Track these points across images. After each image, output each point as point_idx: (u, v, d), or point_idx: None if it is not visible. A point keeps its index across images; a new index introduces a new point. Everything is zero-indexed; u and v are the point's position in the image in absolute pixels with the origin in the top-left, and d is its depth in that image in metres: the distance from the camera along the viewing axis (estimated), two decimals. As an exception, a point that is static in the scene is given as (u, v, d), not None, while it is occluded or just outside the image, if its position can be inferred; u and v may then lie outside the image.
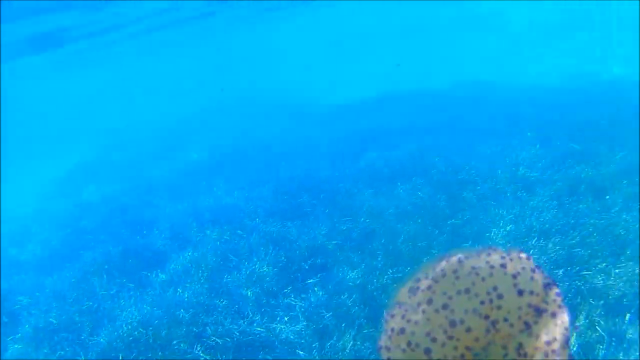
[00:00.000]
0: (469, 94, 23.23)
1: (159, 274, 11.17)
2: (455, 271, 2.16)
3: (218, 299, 9.61)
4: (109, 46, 28.66)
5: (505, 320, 1.95)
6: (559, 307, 1.93)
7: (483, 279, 1.98)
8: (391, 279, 9.09)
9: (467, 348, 1.93)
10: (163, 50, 40.16)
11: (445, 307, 2.06)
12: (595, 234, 9.24)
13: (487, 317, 1.93)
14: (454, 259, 2.16)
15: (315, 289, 9.41)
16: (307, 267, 10.23)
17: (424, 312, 2.10)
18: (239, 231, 12.36)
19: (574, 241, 9.14)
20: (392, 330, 2.12)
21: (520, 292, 1.92)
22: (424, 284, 2.21)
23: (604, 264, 8.31)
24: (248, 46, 57.40)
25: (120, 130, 32.85)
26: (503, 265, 2.03)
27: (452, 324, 1.96)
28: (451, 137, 16.89)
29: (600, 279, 7.99)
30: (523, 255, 2.05)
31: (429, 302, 2.12)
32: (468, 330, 1.93)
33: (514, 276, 1.98)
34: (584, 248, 8.85)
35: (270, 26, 42.90)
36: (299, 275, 10.07)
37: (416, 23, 61.77)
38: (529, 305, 1.91)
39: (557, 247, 8.98)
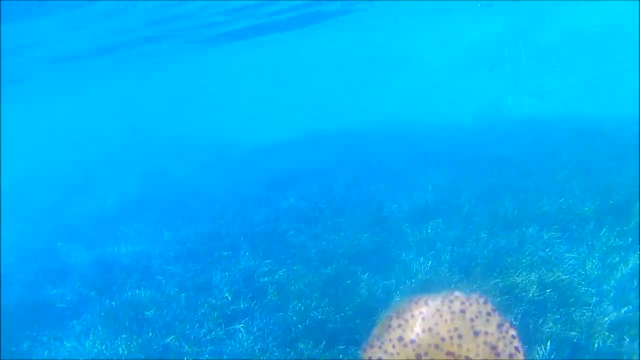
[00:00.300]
0: (388, 133, 24.26)
1: (75, 325, 10.72)
2: (421, 313, 2.42)
3: (138, 351, 9.31)
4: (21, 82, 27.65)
5: (466, 356, 2.18)
6: (515, 348, 2.19)
7: (445, 321, 2.24)
8: (316, 321, 9.14)
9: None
10: (75, 89, 39.03)
11: (412, 342, 2.30)
12: (515, 264, 9.79)
13: (449, 352, 2.15)
14: (422, 301, 2.43)
15: (241, 333, 9.32)
16: (229, 313, 10.11)
17: (394, 346, 2.35)
18: (158, 277, 12.09)
19: (495, 273, 9.63)
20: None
21: (477, 333, 2.17)
22: (395, 322, 2.47)
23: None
24: (170, 85, 56.86)
25: (33, 172, 31.51)
26: (462, 311, 2.30)
27: (418, 357, 2.20)
28: (372, 175, 17.46)
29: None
30: (481, 299, 2.32)
31: (400, 339, 2.37)
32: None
33: (472, 319, 2.25)
34: (503, 279, 9.32)
35: (192, 65, 42.75)
36: (221, 321, 9.92)
37: (338, 64, 63.69)
38: (485, 343, 2.15)
39: (478, 281, 9.41)
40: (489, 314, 2.35)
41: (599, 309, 8.22)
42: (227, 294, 10.61)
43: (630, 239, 10.18)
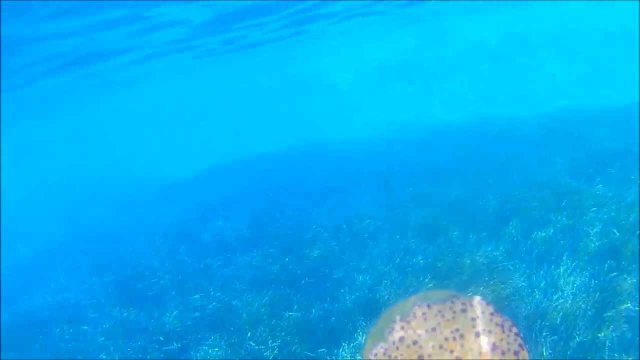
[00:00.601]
0: (305, 155, 24.63)
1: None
2: (424, 314, 2.56)
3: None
4: None
5: (468, 355, 2.34)
6: (519, 345, 2.38)
7: (447, 321, 2.39)
8: (252, 351, 9.16)
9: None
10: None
11: (415, 343, 2.45)
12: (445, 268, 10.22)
13: (452, 351, 2.31)
14: (424, 304, 2.57)
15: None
16: (162, 356, 9.92)
17: (397, 348, 2.48)
18: (84, 327, 11.68)
19: (427, 280, 10.01)
20: (373, 365, 2.49)
21: (478, 334, 2.34)
22: (397, 325, 2.61)
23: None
24: (76, 122, 54.99)
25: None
26: (464, 311, 2.46)
27: (421, 357, 2.33)
28: (292, 198, 17.69)
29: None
30: (483, 302, 2.49)
31: (401, 339, 2.50)
32: None
33: (473, 319, 2.41)
34: (435, 284, 9.72)
35: (97, 103, 41.73)
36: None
37: (248, 89, 63.94)
38: (487, 344, 2.32)
39: (411, 289, 9.75)
40: (491, 313, 2.54)
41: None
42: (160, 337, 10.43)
43: (552, 230, 10.82)
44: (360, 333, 8.61)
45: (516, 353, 2.34)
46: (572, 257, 9.71)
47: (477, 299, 2.59)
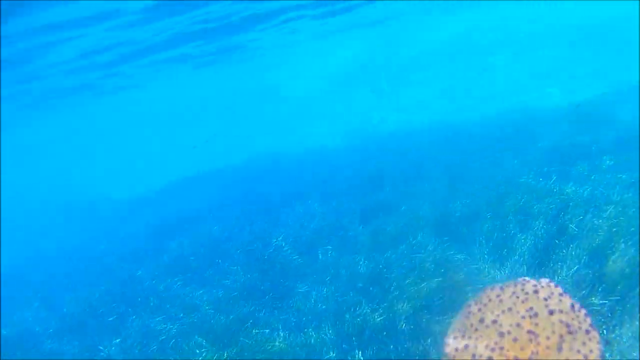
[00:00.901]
0: (263, 166, 24.70)
1: None
2: (498, 296, 2.78)
3: None
4: None
5: (543, 333, 2.55)
6: (590, 325, 2.60)
7: (522, 301, 2.60)
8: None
9: (516, 358, 2.50)
10: None
11: (494, 322, 2.66)
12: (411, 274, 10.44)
13: (529, 331, 2.51)
14: (497, 287, 2.80)
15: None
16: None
17: (476, 329, 2.67)
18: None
19: (393, 288, 10.22)
20: (457, 349, 2.67)
21: (551, 312, 2.56)
22: (474, 308, 2.81)
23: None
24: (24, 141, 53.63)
25: None
26: (536, 292, 2.68)
27: (501, 334, 2.54)
28: (253, 211, 17.73)
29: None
30: (552, 283, 2.71)
31: (481, 320, 2.70)
32: (515, 340, 2.51)
33: (545, 299, 2.63)
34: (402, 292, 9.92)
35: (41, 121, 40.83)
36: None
37: (202, 103, 63.56)
38: (560, 322, 2.53)
39: (377, 300, 9.94)
40: (560, 294, 2.79)
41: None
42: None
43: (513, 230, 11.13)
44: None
45: (587, 332, 2.61)
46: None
47: (545, 280, 2.87)
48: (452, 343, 2.87)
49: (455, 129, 22.37)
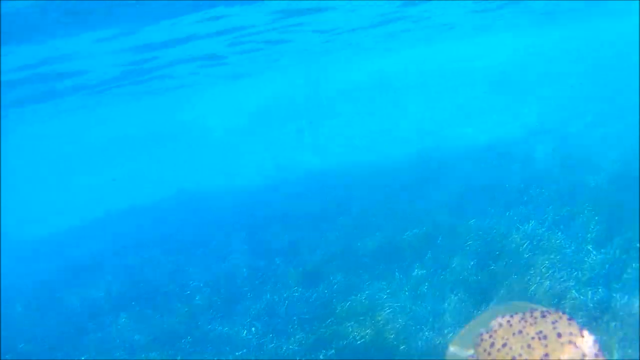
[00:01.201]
0: (179, 206, 24.39)
1: None
2: (508, 321, 2.86)
3: None
4: None
5: (553, 354, 2.67)
6: (599, 349, 2.75)
7: (531, 324, 2.71)
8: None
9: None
10: None
11: (504, 345, 2.72)
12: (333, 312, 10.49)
13: (539, 352, 2.62)
14: (507, 314, 2.91)
15: None
16: None
17: (489, 354, 2.75)
18: None
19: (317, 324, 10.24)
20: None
21: (560, 335, 2.66)
22: (485, 335, 2.90)
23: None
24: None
25: None
26: (544, 316, 2.78)
27: (513, 358, 2.64)
28: (167, 252, 17.41)
29: None
30: (559, 311, 2.86)
31: (492, 345, 2.77)
32: None
33: (553, 322, 2.74)
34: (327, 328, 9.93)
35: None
36: None
37: (121, 138, 62.25)
38: (570, 342, 2.65)
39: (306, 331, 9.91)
40: (568, 319, 2.97)
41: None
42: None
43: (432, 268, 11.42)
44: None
45: (596, 355, 2.81)
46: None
47: (552, 309, 3.11)
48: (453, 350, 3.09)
49: (373, 168, 22.93)
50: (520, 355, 2.81)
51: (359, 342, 9.24)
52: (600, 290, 8.62)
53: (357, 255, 13.17)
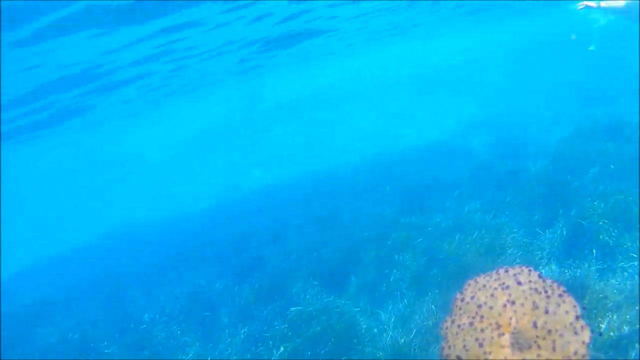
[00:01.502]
0: (117, 242, 23.89)
1: None
2: (475, 280, 3.05)
3: None
4: None
5: (517, 300, 3.02)
6: (563, 291, 2.86)
7: (494, 279, 2.81)
8: None
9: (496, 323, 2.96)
10: None
11: (472, 298, 3.14)
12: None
13: (511, 301, 2.68)
14: (476, 276, 3.26)
15: None
16: None
17: (460, 308, 2.99)
18: None
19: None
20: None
21: (519, 282, 2.76)
22: (458, 296, 3.19)
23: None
24: None
25: None
26: (506, 271, 2.92)
27: (479, 306, 2.76)
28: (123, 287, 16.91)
29: None
30: (524, 266, 2.97)
31: (462, 300, 3.13)
32: (491, 308, 3.00)
33: (515, 274, 2.87)
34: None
35: None
36: None
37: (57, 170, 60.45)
38: (530, 289, 2.75)
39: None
40: (530, 270, 3.14)
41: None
42: None
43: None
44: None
45: (560, 296, 2.95)
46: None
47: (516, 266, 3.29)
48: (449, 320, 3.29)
49: (319, 178, 23.04)
50: (485, 303, 3.04)
51: None
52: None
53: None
